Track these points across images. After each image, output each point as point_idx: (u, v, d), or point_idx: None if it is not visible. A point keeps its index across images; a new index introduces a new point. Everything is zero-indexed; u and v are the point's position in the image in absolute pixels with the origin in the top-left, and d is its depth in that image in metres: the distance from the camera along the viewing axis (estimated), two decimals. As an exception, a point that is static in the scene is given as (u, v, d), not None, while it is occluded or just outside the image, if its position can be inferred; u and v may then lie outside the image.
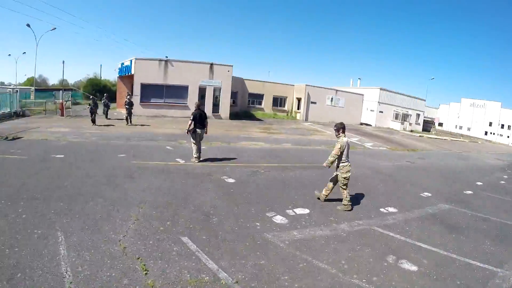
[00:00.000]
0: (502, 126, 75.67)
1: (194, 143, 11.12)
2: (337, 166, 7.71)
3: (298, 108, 38.61)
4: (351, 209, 7.75)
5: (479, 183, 13.97)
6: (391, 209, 8.28)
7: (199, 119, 11.04)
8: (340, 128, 7.59)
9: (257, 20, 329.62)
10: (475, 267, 5.90)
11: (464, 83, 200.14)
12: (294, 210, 7.28)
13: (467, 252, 6.50)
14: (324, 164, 7.68)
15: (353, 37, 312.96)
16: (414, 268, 5.20)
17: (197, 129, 11.00)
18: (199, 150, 11.28)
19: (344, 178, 7.57)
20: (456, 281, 5.19)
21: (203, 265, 4.53)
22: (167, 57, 28.32)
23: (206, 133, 11.56)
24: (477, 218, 8.81)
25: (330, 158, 7.52)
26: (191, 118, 10.97)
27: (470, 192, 11.90)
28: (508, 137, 73.98)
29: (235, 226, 6.12)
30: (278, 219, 6.69)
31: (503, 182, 16.09)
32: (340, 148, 7.37)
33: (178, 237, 5.34)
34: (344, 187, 7.65)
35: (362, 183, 10.79)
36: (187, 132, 11.07)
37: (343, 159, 7.55)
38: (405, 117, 48.09)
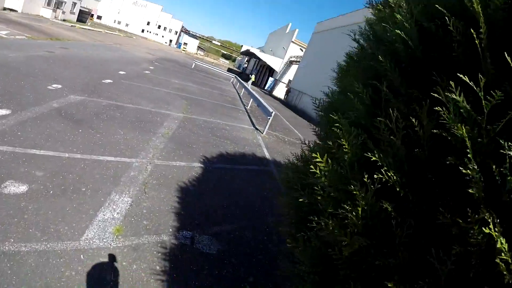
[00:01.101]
0: (159, 26, 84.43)
1: None
2: None
3: None
4: None
5: (122, 73, 13.51)
6: (2, 112, 5.71)
7: None
8: None
9: None
10: (105, 163, 5.13)
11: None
12: None
13: (96, 148, 5.57)
14: None
15: None
16: (23, 188, 3.78)
17: None
18: None
19: None
20: (81, 187, 4.21)
21: None
22: None
23: None
24: (112, 107, 7.97)
25: None
26: None
27: (109, 81, 11.00)
28: (162, 36, 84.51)
29: None
30: None
31: (147, 72, 16.84)
32: None
33: None
34: None
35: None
36: None
37: None
38: (59, 4, 41.13)
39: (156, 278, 3.15)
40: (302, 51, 38.02)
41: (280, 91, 38.85)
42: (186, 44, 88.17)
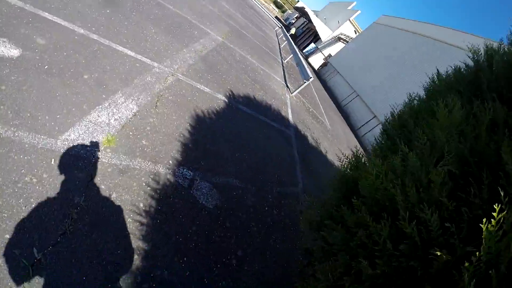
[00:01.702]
0: None
1: None
2: None
3: None
4: None
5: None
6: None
7: None
8: None
9: None
10: (122, 56, 4.14)
11: None
12: None
13: (118, 35, 4.53)
14: None
15: None
16: (14, 52, 2.86)
17: None
18: None
19: None
20: (84, 73, 3.30)
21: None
22: None
23: None
24: (151, 1, 6.76)
25: None
26: None
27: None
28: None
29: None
30: None
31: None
32: None
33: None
34: None
35: None
36: None
37: None
38: None
39: (135, 219, 2.39)
40: (355, 33, 35.47)
41: (316, 60, 36.59)
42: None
